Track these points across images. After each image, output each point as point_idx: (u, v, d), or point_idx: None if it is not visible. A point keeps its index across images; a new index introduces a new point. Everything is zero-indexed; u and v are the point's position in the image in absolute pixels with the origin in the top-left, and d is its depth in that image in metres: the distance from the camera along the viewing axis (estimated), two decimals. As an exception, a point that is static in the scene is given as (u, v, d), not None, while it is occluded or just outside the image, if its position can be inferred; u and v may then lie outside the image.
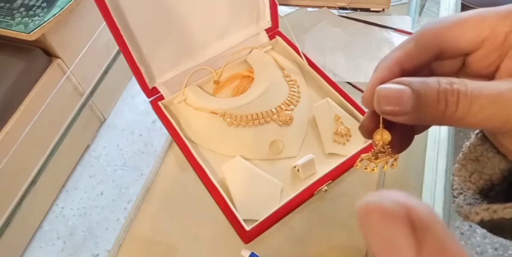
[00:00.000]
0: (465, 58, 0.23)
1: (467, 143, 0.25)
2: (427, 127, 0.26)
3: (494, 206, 0.21)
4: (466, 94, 0.19)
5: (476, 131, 0.25)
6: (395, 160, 0.24)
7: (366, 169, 0.25)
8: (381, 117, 0.22)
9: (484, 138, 0.24)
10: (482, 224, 0.22)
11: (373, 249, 0.16)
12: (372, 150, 0.24)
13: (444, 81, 0.19)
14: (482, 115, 0.19)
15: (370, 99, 0.21)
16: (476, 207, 0.22)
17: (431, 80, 0.19)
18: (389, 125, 0.23)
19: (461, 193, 0.24)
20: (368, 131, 0.24)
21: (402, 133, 0.24)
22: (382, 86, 0.20)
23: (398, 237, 0.15)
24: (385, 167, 0.24)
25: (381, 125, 0.23)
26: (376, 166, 0.24)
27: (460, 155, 0.25)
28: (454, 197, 0.24)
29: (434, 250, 0.15)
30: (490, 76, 0.23)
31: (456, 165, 0.25)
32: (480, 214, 0.21)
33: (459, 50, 0.22)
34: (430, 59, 0.23)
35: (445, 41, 0.22)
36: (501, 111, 0.18)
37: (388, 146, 0.23)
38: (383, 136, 0.23)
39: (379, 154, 0.24)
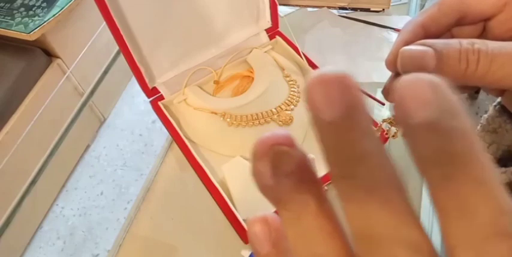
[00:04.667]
0: (486, 23, 0.24)
1: (485, 115, 0.26)
2: None
3: None
4: (487, 53, 0.19)
5: (494, 103, 0.25)
6: None
7: (386, 134, 0.25)
8: None
9: (502, 110, 0.25)
10: None
11: None
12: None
13: (466, 42, 0.20)
14: (502, 73, 0.19)
15: (393, 61, 0.22)
16: None
17: (454, 41, 0.20)
18: None
19: None
20: (390, 94, 0.25)
21: None
22: (406, 47, 0.21)
23: None
24: None
25: None
26: (398, 130, 0.24)
27: (478, 127, 0.26)
28: None
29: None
30: (511, 40, 0.23)
31: None
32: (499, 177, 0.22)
33: (481, 13, 0.23)
34: (452, 23, 0.24)
35: (468, 5, 0.23)
36: None
37: None
38: None
39: None
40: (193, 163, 0.49)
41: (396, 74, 0.24)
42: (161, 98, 0.54)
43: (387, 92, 0.25)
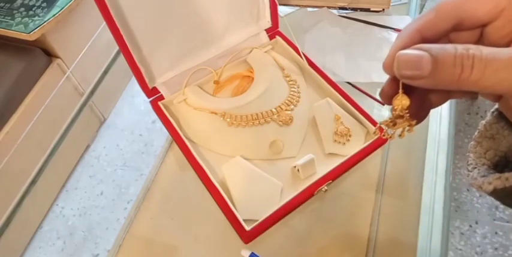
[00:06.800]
0: (482, 29, 0.24)
1: (483, 122, 0.26)
2: (444, 100, 0.27)
3: (506, 174, 0.22)
4: (481, 58, 0.20)
5: (492, 110, 0.26)
6: (412, 125, 0.25)
7: (383, 135, 0.26)
8: (400, 82, 0.23)
9: (500, 116, 0.25)
10: (496, 194, 0.23)
11: None
12: (391, 115, 0.25)
13: (461, 47, 0.20)
14: (496, 79, 0.20)
15: (390, 65, 0.23)
16: (489, 177, 0.23)
17: (449, 46, 0.21)
18: (408, 93, 0.24)
19: (475, 168, 0.25)
20: (388, 97, 0.25)
21: (420, 103, 0.25)
22: (403, 51, 0.21)
23: None
24: (403, 133, 0.25)
25: (400, 90, 0.24)
26: (394, 132, 0.25)
27: (476, 133, 0.27)
28: (468, 171, 0.26)
29: None
30: (506, 46, 0.23)
31: (472, 142, 0.27)
32: (493, 183, 0.22)
33: (478, 20, 0.24)
34: (449, 28, 0.24)
35: (465, 11, 0.23)
36: None
37: (407, 111, 0.24)
38: (402, 101, 0.24)
39: (397, 120, 0.24)
40: (193, 163, 0.49)
41: (393, 77, 0.24)
42: (161, 98, 0.54)
43: (385, 94, 0.25)
